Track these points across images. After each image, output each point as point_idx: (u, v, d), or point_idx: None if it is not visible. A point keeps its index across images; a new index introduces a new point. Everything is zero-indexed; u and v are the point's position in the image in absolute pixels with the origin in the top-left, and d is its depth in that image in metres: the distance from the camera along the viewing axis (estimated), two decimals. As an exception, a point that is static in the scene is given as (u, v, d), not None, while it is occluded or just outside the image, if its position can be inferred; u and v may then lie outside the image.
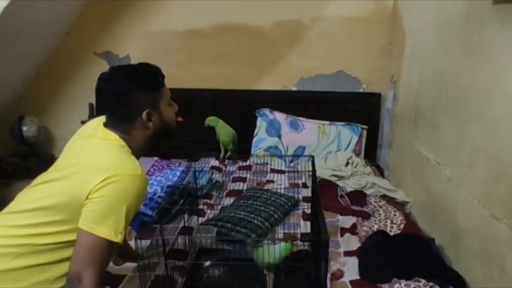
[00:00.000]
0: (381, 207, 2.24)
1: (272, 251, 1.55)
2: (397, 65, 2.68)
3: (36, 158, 3.01)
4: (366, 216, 2.12)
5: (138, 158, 1.32)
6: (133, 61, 3.04)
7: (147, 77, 1.31)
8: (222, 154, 2.41)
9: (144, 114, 1.29)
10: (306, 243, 1.84)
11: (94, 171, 1.17)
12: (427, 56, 2.16)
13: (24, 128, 2.97)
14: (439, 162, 1.96)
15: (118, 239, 1.13)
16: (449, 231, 1.82)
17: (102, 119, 1.36)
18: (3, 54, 2.55)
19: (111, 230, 1.12)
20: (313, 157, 1.70)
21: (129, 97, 1.27)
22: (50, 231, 1.16)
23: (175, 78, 3.18)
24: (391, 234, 1.95)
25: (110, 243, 1.13)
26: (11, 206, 1.25)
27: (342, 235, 1.97)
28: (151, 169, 2.77)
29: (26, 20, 2.47)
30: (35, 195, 1.23)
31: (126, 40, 3.03)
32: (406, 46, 2.52)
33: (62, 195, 1.17)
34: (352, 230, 2.00)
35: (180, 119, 1.45)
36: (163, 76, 1.36)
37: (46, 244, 1.16)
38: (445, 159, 1.91)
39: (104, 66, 3.00)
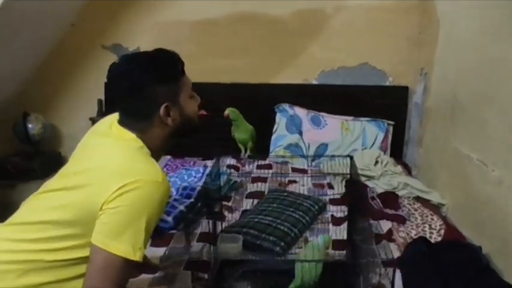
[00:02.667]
0: (416, 210, 2.06)
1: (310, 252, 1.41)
2: (428, 56, 2.49)
3: (42, 157, 2.85)
4: (402, 220, 1.94)
5: (157, 159, 1.17)
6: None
7: (164, 65, 1.14)
8: (242, 153, 2.20)
9: (162, 109, 1.12)
10: (339, 253, 1.67)
11: (109, 177, 1.03)
12: (468, 45, 1.98)
13: (30, 126, 2.81)
14: (485, 163, 1.78)
15: (136, 256, 0.99)
16: (499, 239, 1.64)
17: (116, 115, 1.20)
18: (6, 47, 2.40)
19: (129, 246, 0.98)
20: (351, 157, 1.52)
21: (144, 91, 1.11)
22: (61, 246, 1.04)
23: (188, 71, 3.06)
24: (432, 241, 1.77)
25: (128, 261, 0.99)
26: (16, 217, 1.12)
27: (377, 242, 1.79)
28: (164, 169, 2.60)
29: (29, 11, 2.32)
30: (43, 204, 1.09)
31: (136, 32, 2.86)
32: (440, 35, 2.33)
33: (74, 207, 1.03)
34: (389, 236, 1.82)
35: (203, 112, 1.28)
36: (182, 64, 1.18)
37: (56, 261, 1.04)
38: (493, 159, 1.72)
39: (113, 60, 2.85)
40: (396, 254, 1.68)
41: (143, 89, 1.10)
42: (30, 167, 2.75)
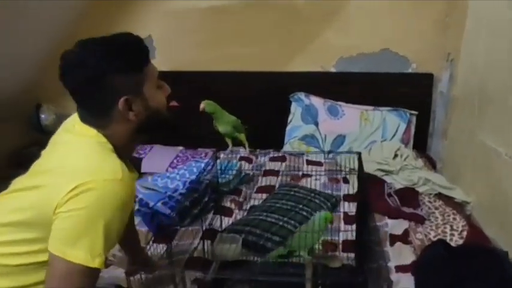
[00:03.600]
0: (437, 208, 1.91)
1: (310, 225, 1.32)
2: (455, 41, 2.30)
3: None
4: (420, 220, 1.80)
5: (127, 157, 1.08)
6: (156, 43, 2.81)
7: (124, 53, 1.00)
8: (229, 148, 2.00)
9: (121, 103, 0.99)
10: (349, 255, 1.55)
11: (62, 178, 0.94)
12: (499, 30, 1.79)
13: (42, 116, 2.81)
14: (514, 158, 1.61)
15: (96, 263, 0.91)
16: (528, 243, 1.49)
17: None
18: (16, 38, 2.37)
19: (86, 253, 0.90)
20: (359, 154, 1.39)
21: (100, 82, 0.97)
22: (24, 250, 0.99)
23: (199, 60, 2.94)
24: (453, 244, 1.63)
25: (87, 269, 0.91)
26: None
27: (391, 244, 1.66)
28: (175, 161, 2.54)
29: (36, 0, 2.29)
30: (8, 205, 1.03)
31: (146, 19, 2.78)
32: (468, 18, 2.14)
33: (30, 209, 0.97)
34: (404, 237, 1.69)
35: (174, 103, 1.17)
36: (147, 50, 1.04)
37: (20, 265, 1.00)
38: (523, 154, 1.56)
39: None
40: (411, 258, 1.55)
41: (99, 80, 0.97)
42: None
